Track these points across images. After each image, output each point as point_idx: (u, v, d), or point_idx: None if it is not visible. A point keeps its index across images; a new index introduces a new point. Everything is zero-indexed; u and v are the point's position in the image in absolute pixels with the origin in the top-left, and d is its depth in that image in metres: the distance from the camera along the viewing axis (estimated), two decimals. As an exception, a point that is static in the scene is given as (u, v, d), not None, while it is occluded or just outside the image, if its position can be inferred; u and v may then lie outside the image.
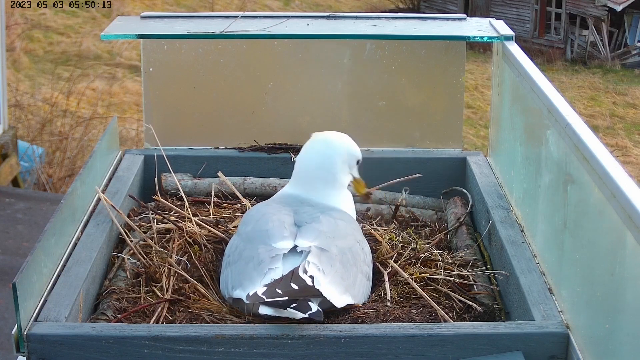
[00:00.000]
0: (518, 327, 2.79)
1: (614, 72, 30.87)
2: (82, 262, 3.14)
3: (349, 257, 3.03)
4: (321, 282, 2.81)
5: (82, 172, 3.52)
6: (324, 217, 3.15)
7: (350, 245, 3.09)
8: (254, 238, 3.09)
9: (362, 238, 3.27)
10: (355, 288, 3.00)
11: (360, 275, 3.08)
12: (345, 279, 2.96)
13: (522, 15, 34.40)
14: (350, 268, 3.01)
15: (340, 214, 3.28)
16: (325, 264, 2.90)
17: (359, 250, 3.13)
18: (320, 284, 2.79)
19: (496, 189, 3.80)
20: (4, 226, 8.81)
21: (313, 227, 3.08)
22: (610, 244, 2.51)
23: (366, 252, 3.22)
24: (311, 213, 3.18)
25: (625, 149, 23.70)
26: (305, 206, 3.24)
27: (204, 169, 4.15)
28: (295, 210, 3.20)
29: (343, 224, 3.19)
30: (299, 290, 2.72)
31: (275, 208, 3.24)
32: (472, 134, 22.52)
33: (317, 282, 2.79)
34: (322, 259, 2.91)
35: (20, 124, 13.30)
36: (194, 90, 4.32)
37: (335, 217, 3.20)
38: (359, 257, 3.10)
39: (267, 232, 3.07)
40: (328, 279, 2.86)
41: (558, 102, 3.06)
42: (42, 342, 2.69)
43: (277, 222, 3.11)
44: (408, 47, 4.27)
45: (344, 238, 3.10)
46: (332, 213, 3.22)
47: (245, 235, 3.16)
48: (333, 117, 4.38)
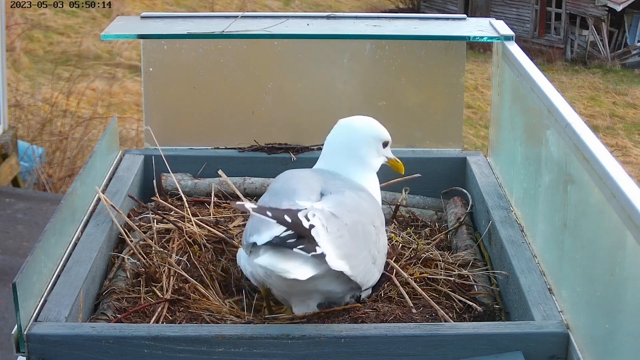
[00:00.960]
0: (518, 327, 2.79)
1: (614, 72, 30.88)
2: (82, 262, 3.15)
3: (359, 231, 2.96)
4: (320, 234, 2.72)
5: (82, 172, 3.52)
6: (349, 192, 3.11)
7: (365, 222, 3.03)
8: (280, 193, 3.09)
9: (380, 224, 3.18)
10: (356, 260, 2.90)
11: (367, 253, 2.99)
12: (349, 248, 2.86)
13: (522, 15, 34.41)
14: (357, 241, 2.93)
15: (367, 195, 3.23)
16: (332, 225, 2.82)
17: (372, 232, 3.06)
18: (318, 235, 2.70)
19: (496, 189, 3.80)
20: (4, 226, 8.82)
21: (336, 197, 3.04)
22: (610, 244, 2.51)
23: (380, 239, 3.13)
24: (339, 186, 3.14)
25: (625, 149, 23.71)
26: (336, 179, 3.22)
27: (204, 169, 4.15)
28: (325, 180, 3.18)
29: (366, 204, 3.14)
30: (292, 224, 2.66)
31: (307, 174, 3.24)
32: (472, 134, 22.53)
33: (316, 232, 2.70)
34: (330, 221, 2.83)
35: (20, 124, 13.30)
36: (194, 90, 4.32)
37: (361, 197, 3.15)
38: (370, 237, 3.03)
39: (294, 191, 3.06)
40: (329, 237, 2.77)
41: (558, 102, 3.06)
42: (42, 342, 2.69)
43: (304, 185, 3.10)
44: (408, 47, 4.28)
45: (362, 215, 3.04)
46: (359, 192, 3.18)
47: (272, 191, 3.17)
48: (333, 117, 4.37)
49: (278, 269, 2.67)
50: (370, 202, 3.23)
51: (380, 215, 3.25)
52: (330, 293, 2.96)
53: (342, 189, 3.14)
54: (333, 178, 3.24)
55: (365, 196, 3.22)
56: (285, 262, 2.68)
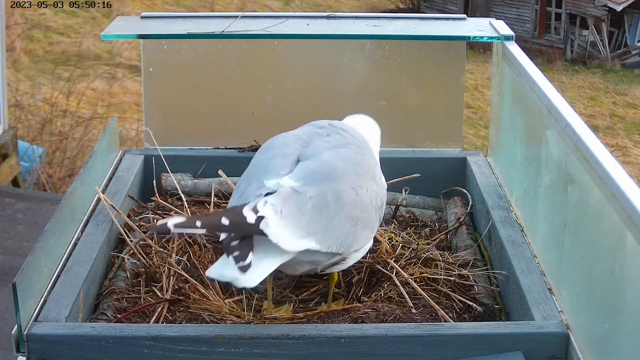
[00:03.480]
0: (518, 327, 2.79)
1: (614, 72, 30.89)
2: (82, 262, 3.15)
3: (328, 200, 2.87)
4: (270, 224, 2.65)
5: (82, 172, 3.52)
6: (328, 154, 3.02)
7: (338, 188, 2.92)
8: (253, 172, 3.03)
9: (364, 183, 3.04)
10: (325, 232, 2.82)
11: (341, 219, 2.89)
12: (314, 223, 2.78)
13: (522, 15, 34.42)
14: (326, 211, 2.84)
15: (354, 151, 3.13)
16: (291, 205, 2.76)
17: (348, 195, 2.94)
18: (268, 226, 2.64)
19: (496, 189, 3.80)
20: (4, 226, 8.82)
21: (307, 165, 2.96)
22: (610, 244, 2.51)
23: (362, 198, 3.00)
24: (322, 147, 3.08)
25: (625, 149, 23.72)
26: (334, 134, 3.16)
27: (204, 169, 4.15)
28: (309, 140, 3.12)
29: (344, 165, 3.02)
30: (231, 225, 2.60)
31: (290, 139, 3.15)
32: (472, 134, 22.54)
33: (266, 223, 2.64)
34: (288, 201, 2.77)
35: (20, 124, 13.31)
36: (194, 90, 4.32)
37: (340, 157, 3.04)
38: (344, 200, 2.92)
39: (266, 168, 2.99)
40: (285, 222, 2.71)
41: (558, 102, 3.06)
42: (42, 342, 2.69)
43: (280, 157, 3.02)
44: (408, 47, 4.28)
45: (335, 181, 2.94)
46: (343, 150, 3.08)
47: (248, 169, 3.10)
48: (333, 117, 4.38)
49: (227, 277, 2.62)
50: (350, 160, 3.07)
51: (366, 169, 3.11)
52: (318, 262, 2.92)
53: (321, 150, 3.05)
54: (320, 136, 3.16)
55: (351, 152, 3.11)
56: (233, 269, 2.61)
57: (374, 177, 3.13)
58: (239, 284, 2.59)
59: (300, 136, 3.16)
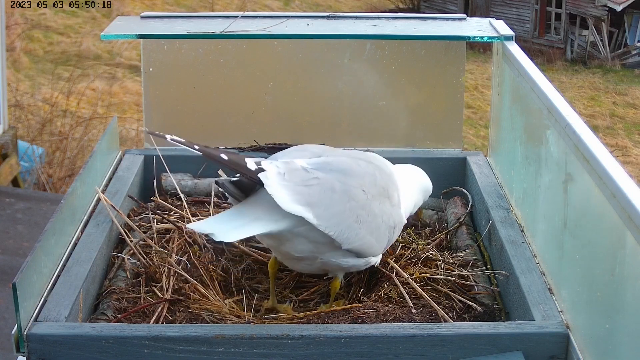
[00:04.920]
0: (518, 327, 2.79)
1: (614, 72, 30.90)
2: (82, 262, 3.15)
3: (335, 188, 2.85)
4: (270, 177, 2.65)
5: (82, 172, 3.52)
6: (346, 159, 3.02)
7: (349, 183, 2.91)
8: (277, 156, 3.04)
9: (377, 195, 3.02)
10: (326, 212, 2.78)
11: (344, 208, 2.87)
12: (315, 197, 2.76)
13: (522, 15, 34.43)
14: (330, 195, 2.82)
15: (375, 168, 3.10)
16: (295, 175, 2.76)
17: (358, 194, 2.93)
18: (267, 178, 2.65)
19: (496, 189, 3.80)
20: (4, 226, 8.82)
21: (325, 158, 2.98)
22: (610, 244, 2.51)
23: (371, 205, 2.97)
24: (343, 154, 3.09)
25: (625, 149, 23.73)
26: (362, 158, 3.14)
27: (204, 169, 4.15)
28: (337, 149, 3.16)
29: (361, 170, 3.00)
30: (229, 162, 2.62)
31: (319, 146, 3.17)
32: (472, 134, 22.54)
33: (265, 175, 2.65)
34: (294, 172, 2.76)
35: (20, 124, 13.30)
36: (194, 90, 4.32)
37: (360, 165, 3.03)
38: (352, 196, 2.90)
39: (289, 153, 3.05)
40: (286, 183, 2.70)
41: (558, 102, 3.06)
42: (42, 342, 2.69)
43: (307, 150, 3.06)
44: (408, 47, 4.27)
45: (347, 176, 2.93)
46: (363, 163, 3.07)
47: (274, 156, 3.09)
48: (333, 117, 4.39)
49: (205, 230, 2.62)
50: (370, 172, 3.05)
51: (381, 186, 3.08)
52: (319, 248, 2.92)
53: (344, 156, 3.05)
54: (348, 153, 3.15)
55: (368, 167, 3.07)
56: (214, 224, 2.63)
57: (390, 199, 3.13)
58: (215, 237, 2.59)
59: (330, 148, 3.20)
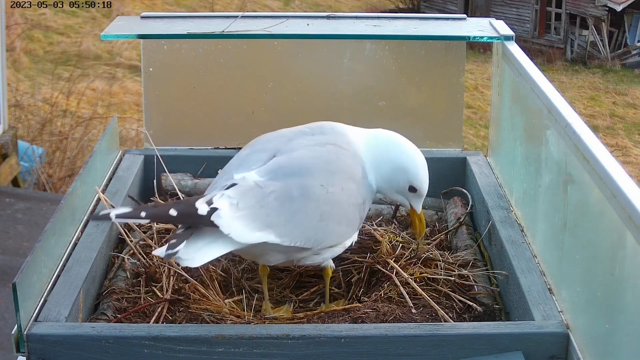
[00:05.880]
0: (518, 327, 2.79)
1: (614, 72, 30.91)
2: (82, 262, 3.15)
3: (293, 194, 2.86)
4: (223, 215, 2.65)
5: (82, 172, 3.52)
6: (301, 152, 3.03)
7: (306, 184, 2.91)
8: (229, 166, 3.07)
9: (338, 181, 3.01)
10: (287, 226, 2.80)
11: (306, 213, 2.87)
12: (274, 216, 2.78)
13: (522, 15, 34.44)
14: (289, 205, 2.83)
15: (331, 150, 3.08)
16: (249, 199, 2.76)
17: (318, 192, 2.92)
18: (220, 217, 2.64)
19: (496, 189, 3.80)
20: (4, 226, 8.82)
21: (277, 160, 2.98)
22: (610, 244, 2.51)
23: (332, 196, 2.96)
24: (300, 145, 3.07)
25: (625, 149, 23.73)
26: (318, 135, 3.13)
27: (204, 169, 4.15)
28: (291, 139, 3.12)
29: (316, 163, 3.01)
30: (180, 216, 2.60)
31: (275, 136, 3.16)
32: (472, 134, 22.54)
33: (218, 214, 2.63)
34: (248, 194, 2.77)
35: (20, 124, 13.31)
36: (194, 90, 4.32)
37: (314, 154, 3.03)
38: (312, 195, 2.90)
39: (241, 162, 3.03)
40: (241, 214, 2.70)
41: (558, 102, 3.06)
42: (42, 342, 2.69)
43: (258, 152, 3.05)
44: (408, 47, 4.27)
45: (304, 177, 2.93)
46: (319, 149, 3.06)
47: (228, 163, 3.12)
48: (333, 117, 4.37)
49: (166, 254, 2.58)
50: (325, 159, 3.05)
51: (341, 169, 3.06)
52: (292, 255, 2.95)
53: (297, 148, 3.05)
54: (304, 134, 3.14)
55: (324, 152, 3.07)
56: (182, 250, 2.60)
57: (353, 177, 3.09)
58: (182, 262, 2.59)
59: (285, 134, 3.18)
